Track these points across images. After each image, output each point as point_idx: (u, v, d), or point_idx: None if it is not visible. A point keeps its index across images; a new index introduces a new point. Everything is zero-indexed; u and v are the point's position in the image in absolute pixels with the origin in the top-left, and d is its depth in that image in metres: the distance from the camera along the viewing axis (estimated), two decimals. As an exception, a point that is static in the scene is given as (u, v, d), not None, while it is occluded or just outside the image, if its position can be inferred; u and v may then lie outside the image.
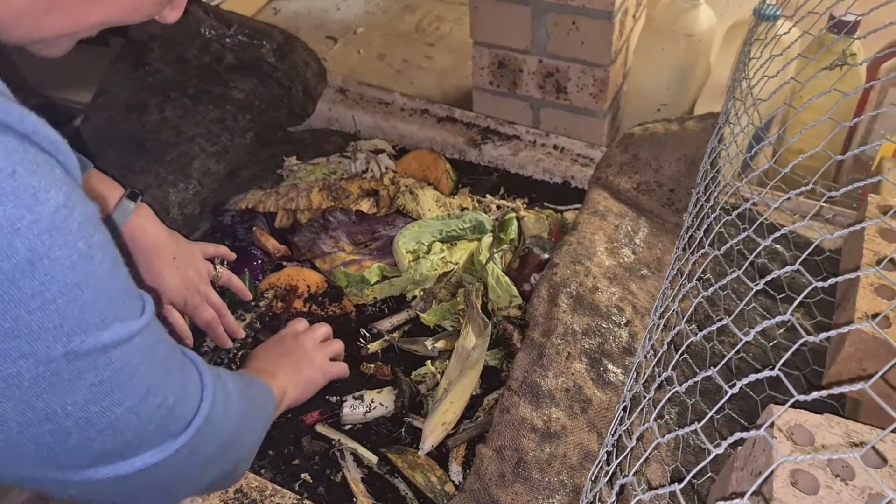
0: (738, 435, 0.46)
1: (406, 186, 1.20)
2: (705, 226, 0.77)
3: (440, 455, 0.90)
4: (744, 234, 0.63)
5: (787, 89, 0.93)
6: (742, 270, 1.07)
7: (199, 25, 1.35)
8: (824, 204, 1.19)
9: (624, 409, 0.73)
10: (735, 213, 0.73)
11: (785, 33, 0.85)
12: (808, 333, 0.53)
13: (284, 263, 1.13)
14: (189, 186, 1.19)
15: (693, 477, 0.83)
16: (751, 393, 0.93)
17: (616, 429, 0.71)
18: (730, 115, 0.99)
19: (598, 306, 0.97)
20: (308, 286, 1.08)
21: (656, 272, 1.04)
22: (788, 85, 1.01)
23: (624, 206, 1.12)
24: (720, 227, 0.75)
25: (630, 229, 1.08)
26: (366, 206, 1.18)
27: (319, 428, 0.93)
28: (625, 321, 0.96)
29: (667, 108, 1.42)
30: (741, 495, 0.42)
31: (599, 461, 0.70)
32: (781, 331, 1.03)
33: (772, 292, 1.05)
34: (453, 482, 0.87)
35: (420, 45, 1.95)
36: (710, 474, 0.84)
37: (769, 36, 0.97)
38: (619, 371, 0.91)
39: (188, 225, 1.19)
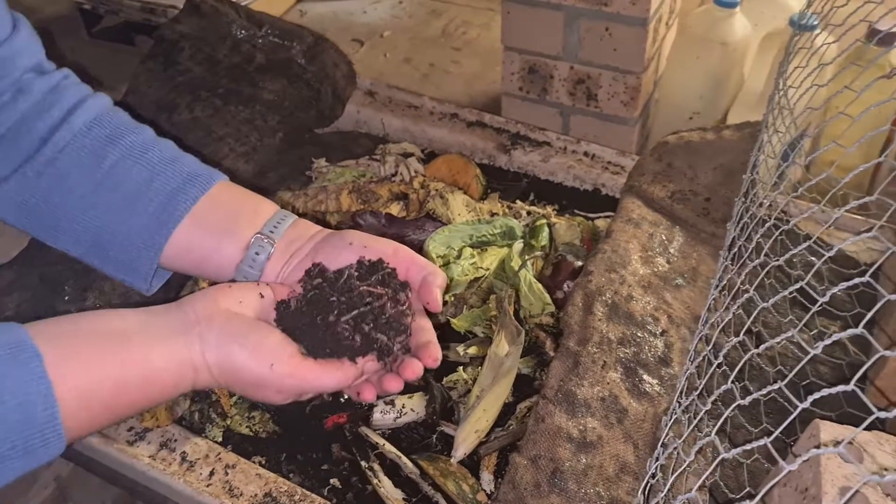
0: (813, 452, 0.44)
1: (436, 190, 1.19)
2: (757, 237, 0.76)
3: (471, 463, 0.89)
4: (803, 246, 0.61)
5: (822, 100, 0.91)
6: (776, 280, 1.05)
7: (229, 25, 1.35)
8: (858, 217, 1.18)
9: (676, 421, 0.72)
10: (791, 223, 0.72)
11: (834, 41, 0.83)
12: (847, 347, 0.52)
13: (314, 266, 1.12)
14: (218, 186, 1.18)
15: (732, 492, 0.82)
16: (788, 407, 0.91)
17: (666, 440, 0.69)
18: (769, 126, 0.98)
19: (634, 315, 0.95)
20: (337, 289, 1.07)
21: (691, 282, 1.02)
22: (822, 96, 1.00)
23: (658, 214, 1.11)
24: (773, 240, 0.74)
25: (664, 238, 1.07)
26: (395, 209, 1.17)
27: (364, 430, 0.92)
28: (660, 331, 0.95)
29: (699, 117, 1.40)
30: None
31: (648, 476, 0.68)
32: (818, 344, 1.02)
33: (808, 305, 1.03)
34: (485, 491, 0.86)
35: (447, 49, 1.95)
36: (747, 489, 0.82)
37: (811, 46, 0.96)
38: (654, 382, 0.89)
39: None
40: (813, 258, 1.13)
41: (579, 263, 1.06)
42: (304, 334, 0.68)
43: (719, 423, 0.56)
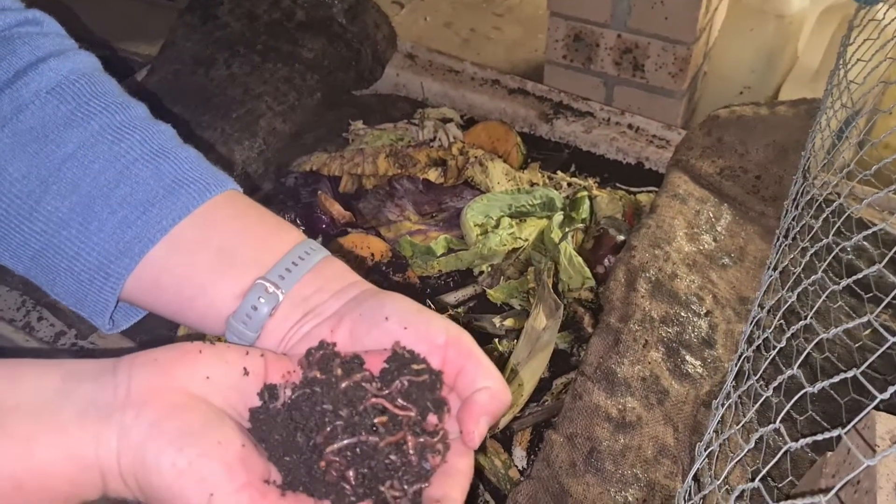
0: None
1: (475, 158, 1.16)
2: (819, 223, 0.72)
3: (504, 438, 0.87)
4: (872, 229, 0.58)
5: (889, 76, 0.87)
6: (827, 265, 1.01)
7: (270, -19, 1.32)
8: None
9: (730, 406, 0.69)
10: (858, 208, 0.68)
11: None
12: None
13: (349, 230, 1.10)
14: (254, 145, 1.16)
15: (774, 480, 0.79)
16: (834, 395, 0.88)
17: (719, 428, 0.67)
18: (831, 103, 0.93)
19: (678, 294, 0.92)
20: (372, 254, 1.05)
21: (738, 262, 0.99)
22: (892, 71, 0.95)
23: (705, 190, 1.07)
24: (835, 227, 0.70)
25: (711, 215, 1.03)
26: (433, 175, 1.14)
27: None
28: (704, 311, 0.92)
29: (750, 91, 1.35)
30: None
31: (699, 461, 0.66)
32: (867, 332, 0.98)
33: (858, 291, 0.99)
34: (517, 467, 0.84)
35: (488, 14, 1.90)
36: (790, 478, 0.79)
37: (881, 19, 0.91)
38: (697, 363, 0.86)
39: (250, 184, 1.17)
40: (864, 242, 1.09)
41: (621, 238, 1.03)
42: (279, 452, 0.45)
43: (784, 412, 0.53)
